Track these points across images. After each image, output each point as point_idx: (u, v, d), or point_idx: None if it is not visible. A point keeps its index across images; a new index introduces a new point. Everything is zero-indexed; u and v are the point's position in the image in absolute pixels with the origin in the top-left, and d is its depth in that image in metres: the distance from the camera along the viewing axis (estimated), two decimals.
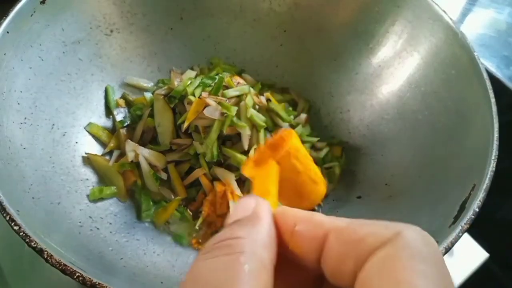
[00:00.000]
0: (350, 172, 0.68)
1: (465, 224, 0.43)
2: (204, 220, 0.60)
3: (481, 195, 0.45)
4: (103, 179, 0.61)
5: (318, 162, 0.68)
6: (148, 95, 0.69)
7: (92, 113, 0.65)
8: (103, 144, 0.65)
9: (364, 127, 0.69)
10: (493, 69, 0.83)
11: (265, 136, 0.62)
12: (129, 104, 0.69)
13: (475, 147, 0.51)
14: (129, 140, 0.63)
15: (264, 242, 0.19)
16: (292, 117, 0.68)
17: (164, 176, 0.62)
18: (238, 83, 0.67)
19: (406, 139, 0.62)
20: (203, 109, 0.60)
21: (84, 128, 0.63)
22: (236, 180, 0.61)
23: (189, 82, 0.64)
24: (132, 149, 0.62)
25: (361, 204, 0.62)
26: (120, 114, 0.67)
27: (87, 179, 0.59)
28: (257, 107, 0.64)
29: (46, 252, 0.38)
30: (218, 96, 0.62)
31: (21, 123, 0.52)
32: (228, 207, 0.59)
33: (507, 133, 0.53)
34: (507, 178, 0.67)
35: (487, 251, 0.68)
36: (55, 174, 0.54)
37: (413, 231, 0.18)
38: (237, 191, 0.60)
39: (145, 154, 0.62)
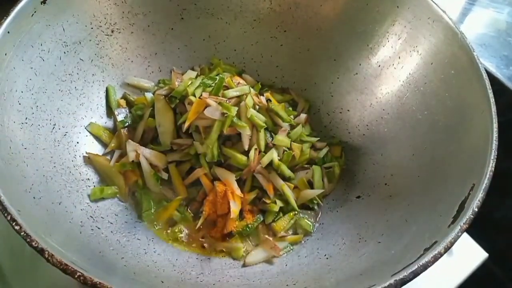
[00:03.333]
0: (349, 172, 0.68)
1: (464, 224, 0.44)
2: (205, 220, 0.60)
3: (480, 195, 0.45)
4: (104, 179, 0.61)
5: (318, 162, 0.68)
6: (149, 95, 0.69)
7: (93, 113, 0.65)
8: (104, 144, 0.65)
9: (364, 127, 0.69)
10: (492, 69, 0.83)
11: (265, 136, 0.62)
12: (130, 104, 0.69)
13: (474, 147, 0.52)
14: (130, 140, 0.63)
15: None
16: (292, 117, 0.68)
17: (165, 176, 0.62)
18: (238, 83, 0.67)
19: (405, 138, 0.62)
20: (204, 110, 0.60)
21: (85, 128, 0.63)
22: (237, 180, 0.61)
23: (189, 83, 0.64)
24: (133, 149, 0.62)
25: (360, 203, 0.62)
26: (121, 114, 0.67)
27: (88, 179, 0.60)
28: (257, 107, 0.64)
29: (47, 252, 0.38)
30: (219, 96, 0.62)
31: (22, 123, 0.52)
32: (228, 207, 0.59)
33: (506, 133, 0.53)
34: (507, 178, 0.68)
35: (486, 251, 0.68)
36: (56, 174, 0.54)
37: None
38: (238, 191, 0.60)
39: (146, 154, 0.62)
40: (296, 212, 0.63)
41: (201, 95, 0.62)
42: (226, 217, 0.60)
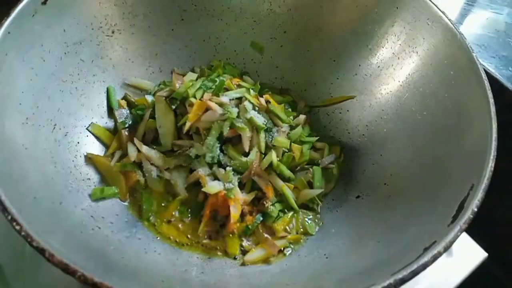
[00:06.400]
0: (349, 172, 0.68)
1: (463, 223, 0.44)
2: (206, 224, 0.60)
3: (479, 195, 0.45)
4: (105, 179, 0.61)
5: (317, 162, 0.68)
6: (149, 98, 0.68)
7: (93, 114, 0.65)
8: (104, 145, 0.65)
9: (363, 127, 0.69)
10: (491, 69, 0.83)
11: (265, 137, 0.63)
12: (130, 104, 0.69)
13: (473, 147, 0.52)
14: (134, 139, 0.63)
15: None
16: (291, 117, 0.68)
17: (168, 176, 0.62)
18: (238, 85, 0.68)
19: (405, 139, 0.62)
20: (204, 112, 0.61)
21: (86, 128, 0.63)
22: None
23: (190, 84, 0.64)
24: (136, 148, 0.62)
25: (360, 203, 0.63)
26: (122, 115, 0.67)
27: (89, 179, 0.60)
28: (256, 108, 0.64)
29: (47, 252, 0.38)
30: (219, 98, 0.62)
31: (23, 124, 0.52)
32: (229, 211, 0.59)
33: (505, 133, 0.53)
34: (506, 178, 0.68)
35: (486, 250, 0.68)
36: (57, 174, 0.54)
37: None
38: (238, 195, 0.60)
39: (149, 153, 0.62)
40: (296, 212, 0.63)
41: (202, 97, 0.62)
42: (226, 220, 0.60)
